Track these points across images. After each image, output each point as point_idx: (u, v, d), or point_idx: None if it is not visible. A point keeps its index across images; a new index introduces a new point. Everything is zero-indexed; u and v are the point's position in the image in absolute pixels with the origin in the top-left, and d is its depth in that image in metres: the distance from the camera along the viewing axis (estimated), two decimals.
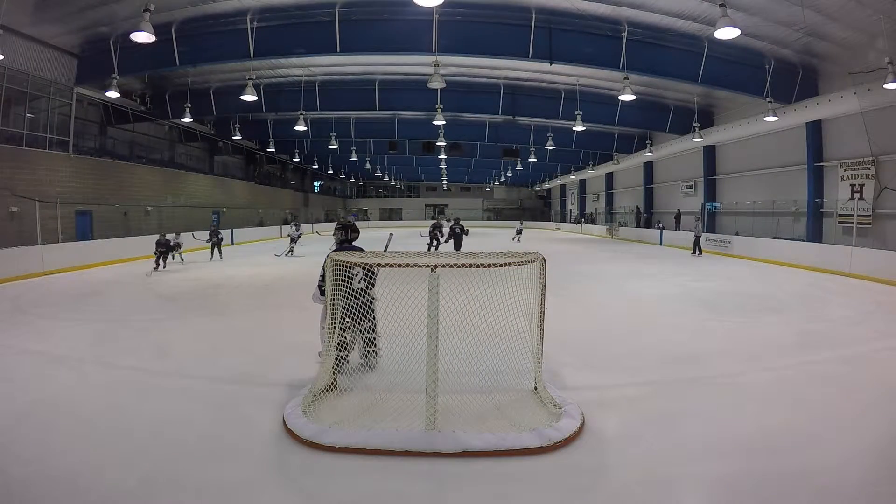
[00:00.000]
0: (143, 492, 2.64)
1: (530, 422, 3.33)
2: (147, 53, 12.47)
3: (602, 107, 17.73)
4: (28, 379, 4.40)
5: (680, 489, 2.79)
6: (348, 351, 4.20)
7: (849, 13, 10.31)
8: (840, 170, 14.24)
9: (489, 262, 3.38)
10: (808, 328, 6.51)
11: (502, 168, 37.98)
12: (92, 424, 3.44)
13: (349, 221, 5.09)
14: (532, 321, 3.80)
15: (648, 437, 3.32)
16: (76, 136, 16.21)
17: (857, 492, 2.66)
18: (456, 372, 3.57)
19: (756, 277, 11.57)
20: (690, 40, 12.29)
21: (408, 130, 23.28)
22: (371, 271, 4.20)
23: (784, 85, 13.68)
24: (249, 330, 6.43)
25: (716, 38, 9.27)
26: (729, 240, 17.28)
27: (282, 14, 11.76)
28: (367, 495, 2.67)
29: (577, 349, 5.31)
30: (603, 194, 33.06)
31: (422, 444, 3.05)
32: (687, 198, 23.00)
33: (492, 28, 11.82)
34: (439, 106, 15.26)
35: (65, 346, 5.49)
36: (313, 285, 4.66)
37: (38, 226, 12.49)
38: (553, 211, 47.04)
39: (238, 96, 14.16)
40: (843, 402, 3.91)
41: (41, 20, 11.98)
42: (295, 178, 40.71)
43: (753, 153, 18.25)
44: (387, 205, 53.57)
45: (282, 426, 3.36)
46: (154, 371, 4.69)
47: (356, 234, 4.99)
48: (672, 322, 6.87)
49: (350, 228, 4.95)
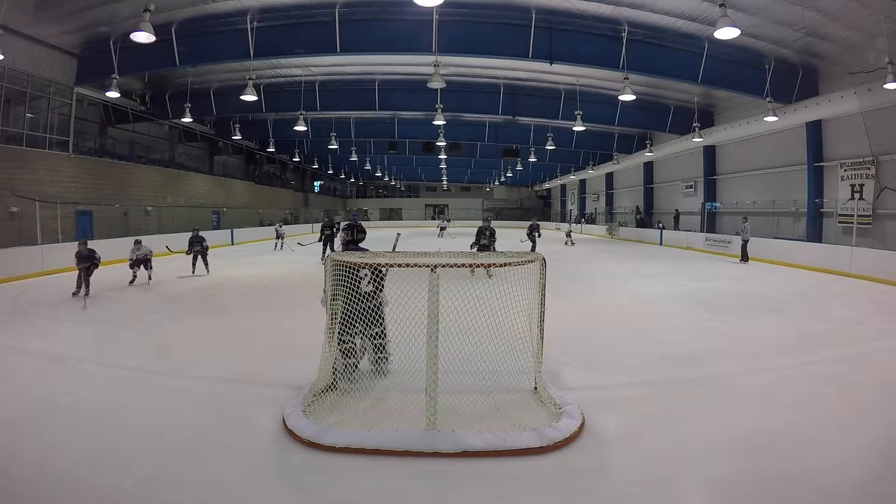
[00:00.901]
0: (143, 492, 2.64)
1: (530, 422, 3.33)
2: (147, 53, 12.47)
3: (602, 107, 17.73)
4: (28, 379, 4.40)
5: (680, 489, 2.78)
6: (357, 358, 4.14)
7: (849, 13, 10.31)
8: (840, 170, 14.24)
9: (489, 263, 3.38)
10: (809, 328, 6.51)
11: (502, 168, 37.98)
12: (92, 424, 3.44)
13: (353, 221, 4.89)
14: (532, 321, 3.80)
15: (648, 437, 3.32)
16: (76, 136, 16.22)
17: (857, 492, 2.66)
18: (456, 372, 3.57)
19: (756, 277, 11.56)
20: (690, 40, 12.30)
21: (408, 130, 23.29)
22: (379, 273, 4.06)
23: (784, 85, 13.68)
24: (249, 330, 6.42)
25: (716, 38, 9.27)
26: (729, 240, 17.27)
27: (282, 14, 11.77)
28: (367, 495, 2.67)
29: (577, 349, 5.31)
30: (603, 194, 33.06)
31: (422, 444, 3.04)
32: (687, 198, 23.00)
33: (492, 28, 11.82)
34: (439, 106, 15.27)
35: (65, 346, 5.49)
36: (314, 286, 4.66)
37: (38, 226, 12.51)
38: (553, 211, 47.04)
39: (238, 96, 14.17)
40: (843, 402, 3.91)
41: (41, 20, 11.98)
42: (295, 178, 40.71)
43: (753, 153, 18.25)
44: (387, 205, 53.57)
45: (282, 426, 3.36)
46: (154, 371, 4.69)
47: (363, 235, 4.78)
48: (672, 322, 6.87)
49: (357, 229, 4.71)
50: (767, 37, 11.86)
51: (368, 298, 3.92)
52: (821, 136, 14.96)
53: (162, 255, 11.71)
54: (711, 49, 12.41)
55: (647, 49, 12.37)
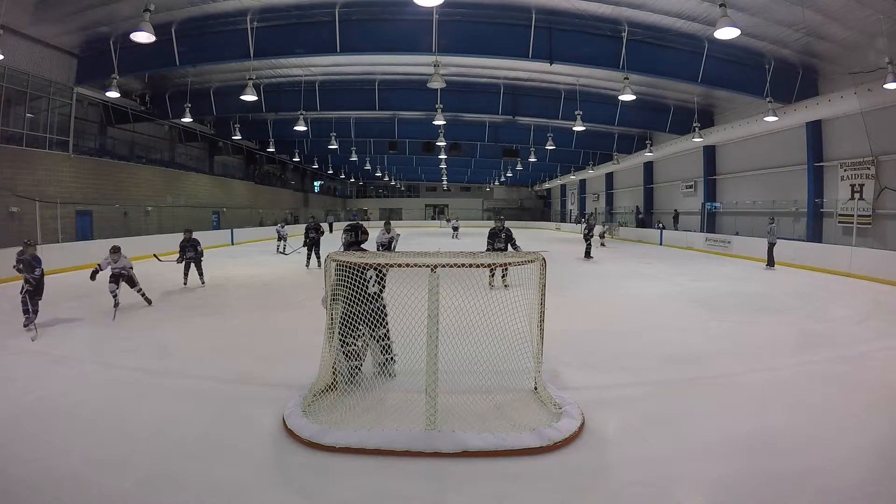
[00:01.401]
0: (142, 492, 2.64)
1: (530, 422, 3.33)
2: (147, 53, 12.46)
3: (602, 107, 17.73)
4: (28, 379, 4.40)
5: (680, 489, 2.78)
6: (361, 360, 4.13)
7: (849, 13, 10.32)
8: (840, 170, 14.24)
9: (489, 262, 3.38)
10: (808, 328, 6.51)
11: (502, 168, 37.98)
12: (92, 424, 3.44)
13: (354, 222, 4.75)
14: (532, 321, 3.80)
15: (648, 437, 3.32)
16: (76, 136, 16.21)
17: (857, 492, 2.66)
18: (456, 372, 3.57)
19: (756, 277, 11.56)
20: (690, 40, 12.29)
21: (408, 130, 23.28)
22: (382, 273, 4.04)
23: (784, 85, 13.68)
24: (249, 330, 6.43)
25: (716, 38, 9.26)
26: (729, 240, 17.28)
27: (282, 14, 11.76)
28: (367, 495, 2.67)
29: (577, 349, 5.31)
30: (603, 194, 33.06)
31: (422, 444, 3.05)
32: (687, 198, 23.01)
33: (492, 28, 11.82)
34: (439, 106, 15.27)
35: (65, 346, 5.49)
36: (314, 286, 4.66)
37: (38, 226, 12.51)
38: (553, 211, 47.03)
39: (238, 96, 14.16)
40: (843, 402, 3.91)
41: (41, 20, 11.98)
42: (295, 178, 40.72)
43: (753, 153, 18.25)
44: (387, 205, 53.56)
45: (282, 426, 3.37)
46: (154, 371, 4.69)
47: (366, 237, 4.69)
48: (672, 322, 6.87)
49: (360, 230, 4.61)
50: (767, 37, 11.86)
51: (375, 299, 3.91)
52: (821, 136, 14.96)
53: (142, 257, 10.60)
54: (711, 49, 12.41)
55: (647, 49, 12.36)
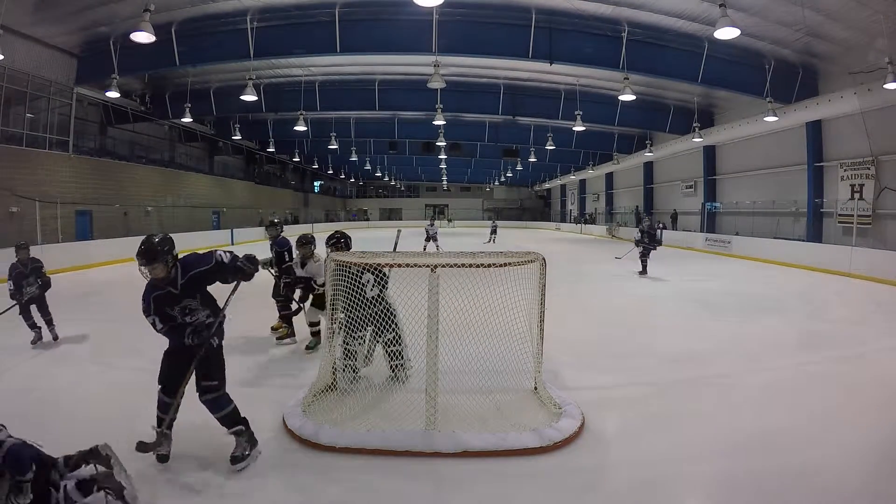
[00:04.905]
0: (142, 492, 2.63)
1: (530, 422, 3.33)
2: (147, 53, 12.45)
3: (602, 107, 17.72)
4: (28, 379, 4.40)
5: (680, 489, 2.79)
6: (357, 361, 4.12)
7: (849, 13, 10.32)
8: (840, 170, 14.23)
9: (489, 262, 3.38)
10: (808, 328, 6.52)
11: (502, 168, 37.95)
12: (92, 424, 3.44)
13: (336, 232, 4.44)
14: (532, 321, 3.80)
15: (648, 437, 3.32)
16: (76, 136, 16.20)
17: (857, 492, 2.66)
18: (456, 372, 3.57)
19: (756, 277, 11.56)
20: (690, 40, 12.29)
21: (408, 130, 23.27)
22: (382, 274, 3.99)
23: (784, 85, 13.67)
24: (249, 330, 6.42)
25: (716, 38, 9.27)
26: (729, 240, 17.28)
27: (282, 14, 11.76)
28: (366, 495, 2.67)
29: (577, 349, 5.30)
30: (603, 194, 33.05)
31: (421, 444, 3.05)
32: (687, 198, 23.00)
33: (492, 28, 11.82)
34: (439, 106, 15.25)
35: (65, 346, 5.49)
36: None
37: (38, 226, 12.50)
38: (553, 211, 47.02)
39: (238, 96, 14.16)
40: (843, 402, 3.91)
41: (41, 20, 11.97)
42: (295, 178, 40.71)
43: (753, 153, 18.24)
44: (387, 205, 53.57)
45: (282, 426, 3.37)
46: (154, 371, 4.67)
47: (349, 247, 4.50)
48: (672, 322, 6.87)
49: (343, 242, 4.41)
50: (767, 37, 11.86)
51: (375, 303, 3.89)
52: (821, 136, 14.95)
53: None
54: (711, 49, 12.40)
55: (647, 49, 12.36)
